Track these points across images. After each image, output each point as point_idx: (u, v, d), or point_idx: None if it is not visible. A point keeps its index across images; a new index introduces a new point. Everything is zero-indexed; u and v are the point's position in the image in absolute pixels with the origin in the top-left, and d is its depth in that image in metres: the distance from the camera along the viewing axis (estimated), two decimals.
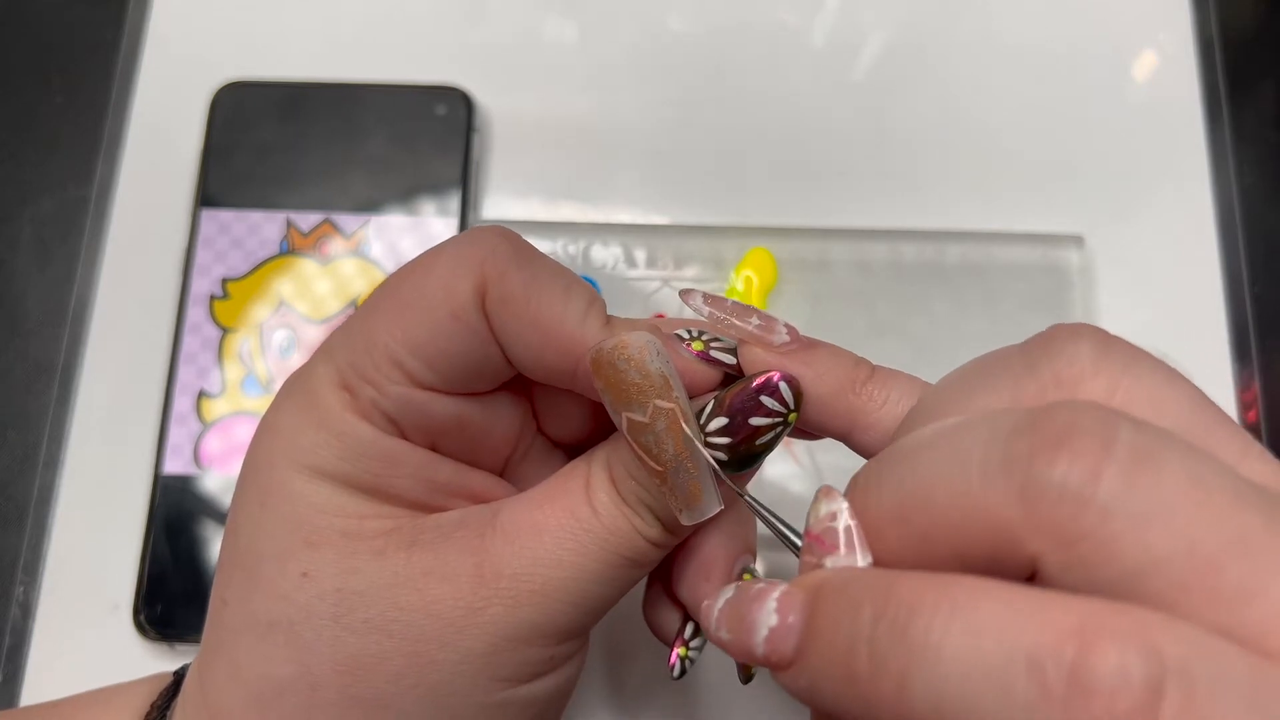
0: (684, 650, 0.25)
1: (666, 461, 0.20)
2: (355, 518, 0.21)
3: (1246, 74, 0.41)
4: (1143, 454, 0.14)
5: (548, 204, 0.40)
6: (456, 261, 0.21)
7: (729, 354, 0.22)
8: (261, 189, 0.38)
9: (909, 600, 0.15)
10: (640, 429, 0.20)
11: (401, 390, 0.21)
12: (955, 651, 0.14)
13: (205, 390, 0.36)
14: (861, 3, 0.42)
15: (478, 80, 0.40)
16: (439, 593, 0.21)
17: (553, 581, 0.21)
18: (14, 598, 0.35)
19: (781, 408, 0.21)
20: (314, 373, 0.22)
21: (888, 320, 0.37)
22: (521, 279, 0.21)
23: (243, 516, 0.22)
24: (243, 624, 0.21)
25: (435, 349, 0.21)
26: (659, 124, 0.40)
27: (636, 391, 0.20)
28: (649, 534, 0.22)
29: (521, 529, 0.21)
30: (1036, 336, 0.18)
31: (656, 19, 0.42)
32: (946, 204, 0.39)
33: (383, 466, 0.22)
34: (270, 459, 0.22)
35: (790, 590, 0.17)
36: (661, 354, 0.20)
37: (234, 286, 0.37)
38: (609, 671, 0.34)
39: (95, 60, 0.41)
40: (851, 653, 0.15)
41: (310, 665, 0.21)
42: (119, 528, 0.35)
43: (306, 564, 0.21)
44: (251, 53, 0.41)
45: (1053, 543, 0.14)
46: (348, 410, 0.21)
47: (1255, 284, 0.38)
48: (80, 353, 0.38)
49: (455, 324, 0.21)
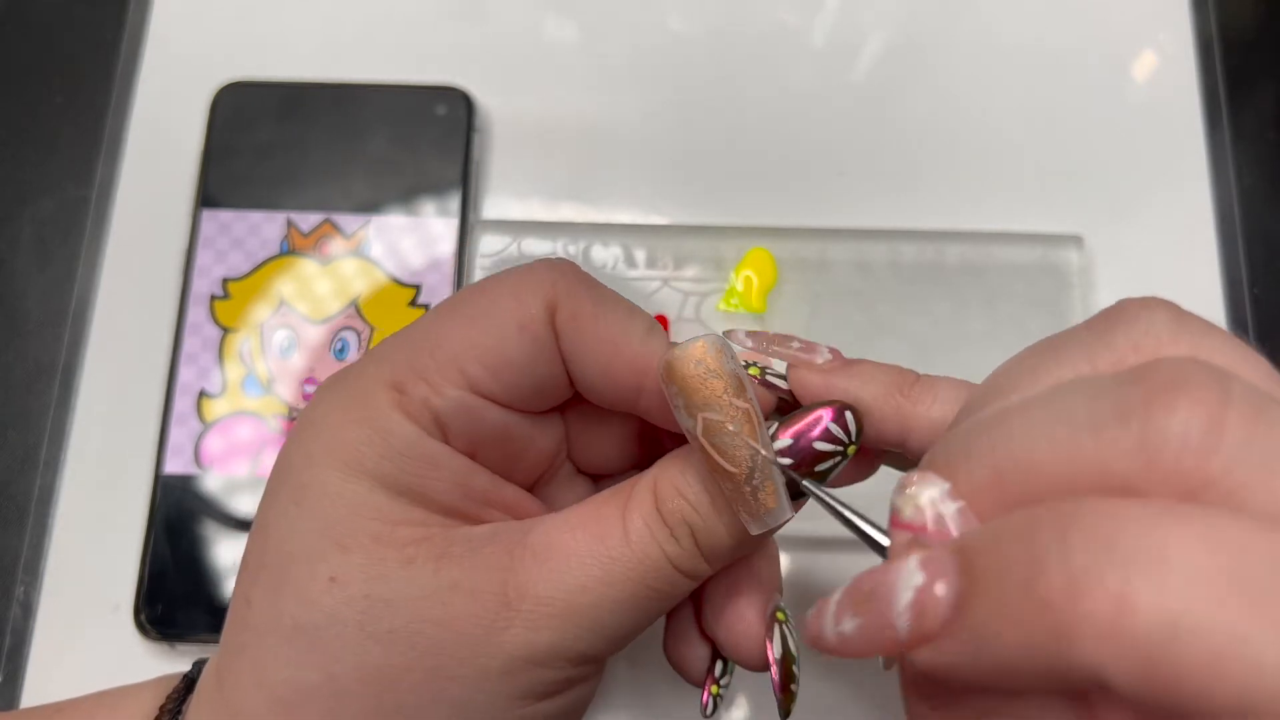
0: (715, 688, 0.25)
1: (742, 462, 0.20)
2: (388, 522, 0.21)
3: (1246, 74, 0.41)
4: (1257, 405, 0.14)
5: (548, 204, 0.40)
6: (527, 280, 0.22)
7: (780, 380, 0.23)
8: (262, 189, 0.38)
9: (1106, 510, 0.14)
10: (716, 429, 0.20)
11: (458, 394, 0.22)
12: (1184, 555, 0.13)
13: (206, 390, 0.36)
14: (861, 3, 0.42)
15: (478, 80, 0.40)
16: (463, 609, 0.21)
17: (575, 607, 0.21)
18: (15, 597, 0.35)
19: (844, 435, 0.21)
20: (363, 372, 0.22)
21: (887, 320, 0.37)
22: (591, 299, 0.22)
23: (274, 514, 0.22)
24: (268, 626, 0.21)
25: (501, 357, 0.22)
26: (659, 124, 0.40)
27: (713, 391, 0.20)
28: (682, 562, 0.22)
29: (552, 550, 0.21)
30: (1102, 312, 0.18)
31: (657, 19, 0.42)
32: (946, 204, 0.39)
33: (423, 468, 0.22)
34: (308, 456, 0.22)
35: (931, 552, 0.16)
36: (733, 357, 0.20)
37: (234, 286, 0.37)
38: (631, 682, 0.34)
39: (96, 60, 0.41)
40: (1035, 582, 0.14)
41: (335, 673, 0.20)
42: (120, 528, 0.35)
43: (336, 568, 0.21)
44: (252, 53, 0.41)
45: (1175, 491, 0.14)
46: (395, 409, 0.21)
47: (1255, 284, 0.38)
48: (81, 353, 0.38)
49: (522, 335, 0.22)
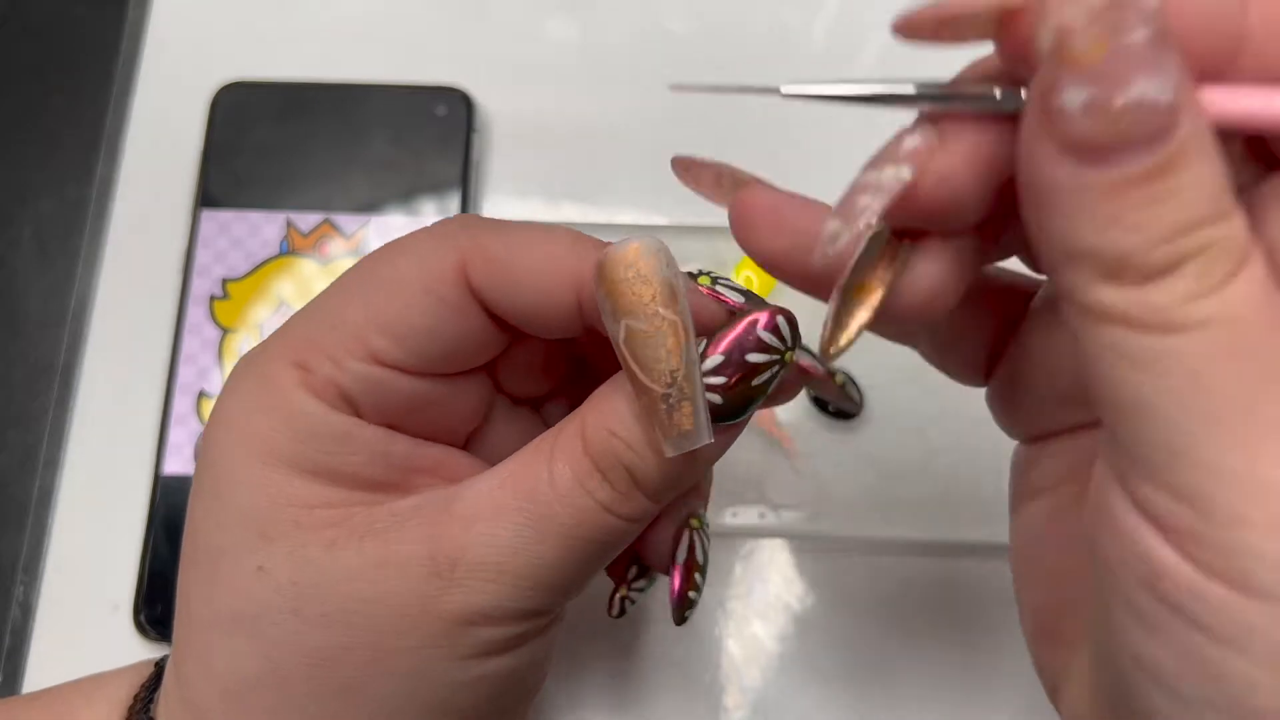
0: (624, 590, 0.25)
1: (660, 377, 0.19)
2: (306, 506, 0.21)
3: None
4: None
5: (548, 204, 0.40)
6: (429, 241, 0.22)
7: (736, 294, 0.21)
8: (261, 189, 0.38)
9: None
10: (639, 339, 0.19)
11: (362, 367, 0.21)
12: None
13: (205, 390, 0.36)
14: (861, 3, 0.42)
15: (478, 80, 0.40)
16: (394, 585, 0.20)
17: (509, 569, 0.20)
18: (14, 598, 0.35)
19: (779, 343, 0.20)
20: (265, 352, 0.22)
21: None
22: (502, 240, 0.21)
23: (200, 509, 0.22)
24: (208, 620, 0.21)
25: (406, 325, 0.21)
26: (659, 124, 0.40)
27: (639, 298, 0.19)
28: (619, 506, 0.21)
29: (479, 513, 0.21)
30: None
31: (657, 19, 0.42)
32: None
33: (335, 445, 0.21)
34: (223, 448, 0.21)
35: None
36: (672, 265, 0.19)
37: (234, 287, 0.37)
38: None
39: (95, 60, 0.41)
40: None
41: (276, 659, 0.20)
42: (119, 528, 0.35)
43: (262, 558, 0.21)
44: (251, 53, 0.41)
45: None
46: (300, 388, 0.21)
47: None
48: (80, 353, 0.38)
49: (429, 299, 0.21)
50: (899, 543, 0.35)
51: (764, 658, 0.34)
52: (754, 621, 0.34)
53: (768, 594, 0.35)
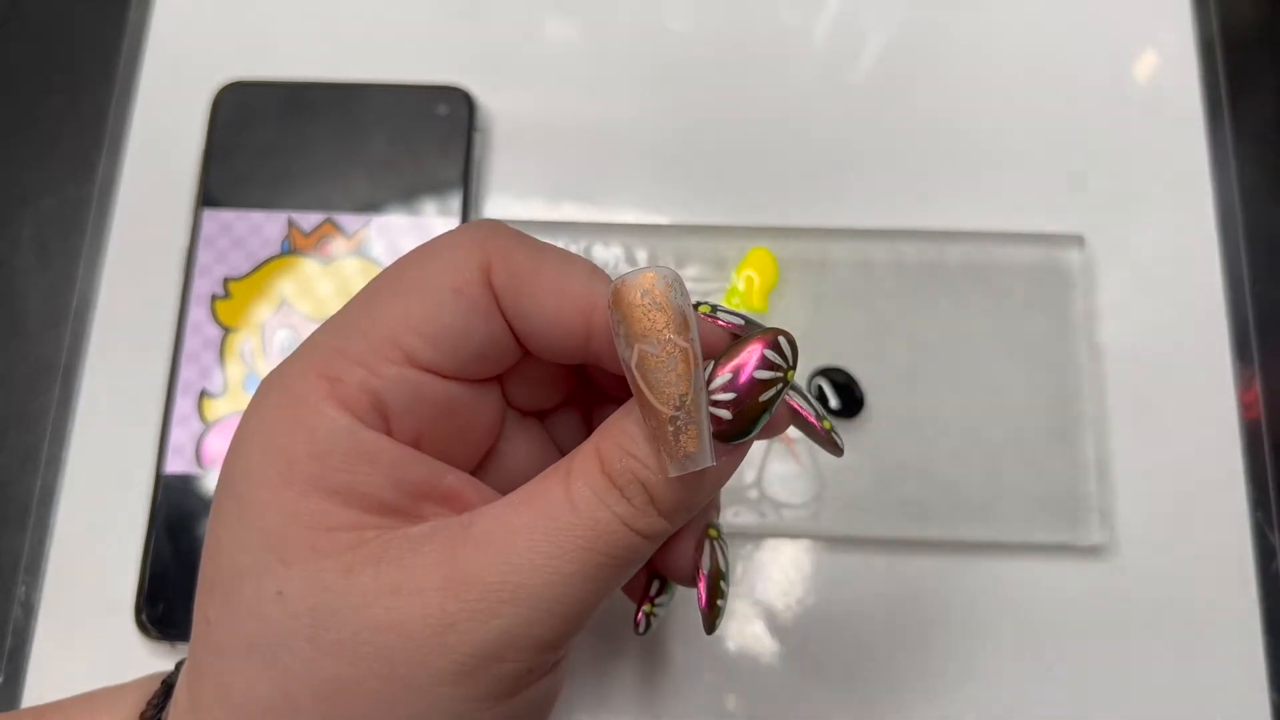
0: (650, 607, 0.25)
1: (669, 401, 0.20)
2: (323, 529, 0.21)
3: (1247, 74, 0.41)
4: None
5: (549, 204, 0.40)
6: (457, 243, 0.22)
7: (733, 317, 0.22)
8: (263, 189, 0.38)
9: None
10: (651, 363, 0.20)
11: (397, 370, 0.21)
12: None
13: (207, 390, 0.36)
14: (861, 3, 0.42)
15: (479, 80, 0.40)
16: (408, 611, 0.20)
17: (526, 589, 0.20)
18: (16, 597, 0.35)
19: (781, 360, 0.21)
20: (295, 365, 0.22)
21: (889, 320, 0.37)
22: (526, 253, 0.22)
23: (222, 528, 0.21)
24: (226, 644, 0.21)
25: (438, 324, 0.21)
26: (660, 123, 0.40)
27: (653, 324, 0.20)
28: (637, 522, 0.21)
29: (495, 535, 0.20)
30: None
31: (657, 19, 0.42)
32: (947, 204, 0.39)
33: (354, 463, 0.21)
34: (245, 465, 0.21)
35: None
36: (685, 295, 0.20)
37: (236, 286, 0.37)
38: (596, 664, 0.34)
39: (96, 60, 0.41)
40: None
41: (289, 689, 0.20)
42: (121, 527, 0.35)
43: (282, 582, 0.20)
44: (252, 53, 0.41)
45: None
46: (327, 400, 0.21)
47: (1256, 283, 0.38)
48: (82, 352, 0.38)
49: (458, 299, 0.21)
50: (899, 542, 0.35)
51: (765, 657, 0.34)
52: (755, 621, 0.34)
53: (769, 593, 0.35)
